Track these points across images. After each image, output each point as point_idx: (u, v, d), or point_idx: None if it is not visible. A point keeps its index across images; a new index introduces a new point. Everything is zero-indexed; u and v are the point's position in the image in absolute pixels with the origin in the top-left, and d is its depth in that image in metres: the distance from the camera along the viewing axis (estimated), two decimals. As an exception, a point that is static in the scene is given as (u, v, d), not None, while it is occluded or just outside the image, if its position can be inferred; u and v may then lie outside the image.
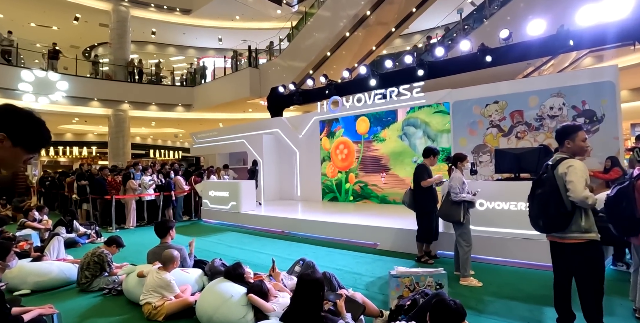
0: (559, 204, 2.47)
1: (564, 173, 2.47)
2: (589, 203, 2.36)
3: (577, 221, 2.44)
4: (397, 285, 3.19)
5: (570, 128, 2.65)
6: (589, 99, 6.00)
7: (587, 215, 2.46)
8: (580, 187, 2.37)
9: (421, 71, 8.31)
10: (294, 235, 6.90)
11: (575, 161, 2.51)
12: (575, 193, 2.37)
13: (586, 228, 2.43)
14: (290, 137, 10.53)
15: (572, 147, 2.61)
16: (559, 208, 2.46)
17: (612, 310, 3.16)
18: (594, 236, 2.44)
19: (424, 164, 4.74)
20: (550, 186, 2.53)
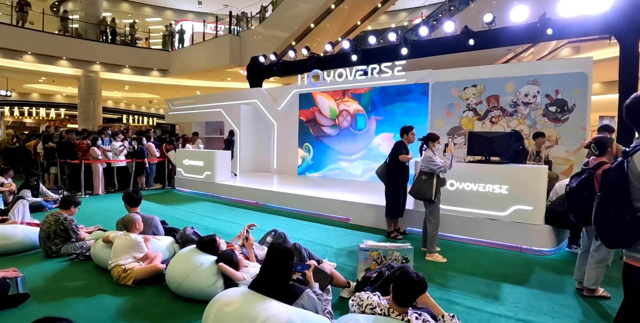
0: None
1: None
2: None
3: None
4: (365, 258, 3.31)
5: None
6: (562, 89, 6.18)
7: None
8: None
9: (404, 50, 8.25)
10: (268, 206, 6.96)
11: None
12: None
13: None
14: (269, 109, 10.37)
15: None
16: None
17: (562, 288, 3.42)
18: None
19: (402, 141, 4.84)
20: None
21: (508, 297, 3.19)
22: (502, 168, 4.55)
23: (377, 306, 2.21)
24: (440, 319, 2.17)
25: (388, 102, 8.26)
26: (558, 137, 6.16)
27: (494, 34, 7.31)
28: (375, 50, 9.16)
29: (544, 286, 3.45)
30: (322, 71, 9.21)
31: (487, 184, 4.57)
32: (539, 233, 4.33)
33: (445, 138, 7.04)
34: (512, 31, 7.11)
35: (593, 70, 6.10)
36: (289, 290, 2.40)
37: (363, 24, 14.74)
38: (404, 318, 2.13)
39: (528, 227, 4.36)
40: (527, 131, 6.38)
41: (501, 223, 4.51)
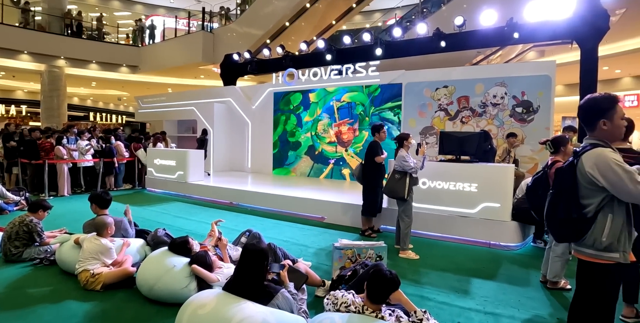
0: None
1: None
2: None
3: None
4: (340, 256, 3.34)
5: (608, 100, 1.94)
6: (527, 91, 6.44)
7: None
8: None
9: (378, 50, 8.36)
10: (243, 206, 6.89)
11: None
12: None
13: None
14: (243, 107, 10.25)
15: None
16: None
17: (528, 281, 3.58)
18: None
19: (375, 141, 4.90)
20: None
21: (478, 291, 3.31)
22: (471, 166, 4.71)
23: (352, 304, 2.24)
24: (413, 315, 2.22)
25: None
26: (524, 137, 6.42)
27: (464, 36, 7.52)
28: (349, 50, 9.23)
29: (511, 280, 3.60)
30: (297, 69, 9.19)
31: (457, 183, 4.71)
32: (506, 229, 4.51)
33: (418, 138, 7.21)
34: (481, 34, 7.34)
35: (556, 73, 6.39)
36: (263, 290, 2.39)
37: (338, 24, 14.82)
38: (377, 315, 2.17)
39: (496, 223, 4.53)
40: (495, 131, 6.62)
41: (471, 220, 4.66)
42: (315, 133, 9.08)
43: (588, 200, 1.88)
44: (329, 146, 8.84)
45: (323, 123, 8.95)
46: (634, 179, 1.74)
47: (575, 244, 1.98)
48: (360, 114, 8.38)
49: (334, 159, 8.76)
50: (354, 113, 8.49)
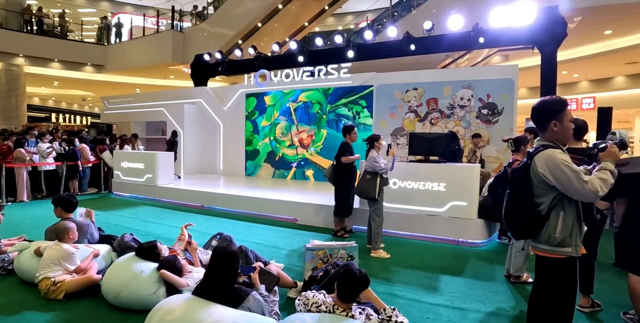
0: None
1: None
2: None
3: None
4: (312, 257, 3.35)
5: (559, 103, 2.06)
6: (492, 93, 6.71)
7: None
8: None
9: (350, 52, 8.45)
10: (214, 209, 6.78)
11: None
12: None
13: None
14: (215, 108, 10.10)
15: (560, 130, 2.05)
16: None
17: (493, 276, 3.72)
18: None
19: (346, 141, 4.95)
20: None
21: (446, 288, 3.41)
22: (440, 166, 4.85)
23: (323, 304, 2.26)
24: (382, 312, 2.26)
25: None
26: (489, 137, 6.68)
27: (433, 40, 7.73)
28: (322, 51, 9.28)
29: (478, 275, 3.74)
30: (269, 71, 9.15)
31: (426, 183, 4.84)
32: (473, 226, 4.68)
33: (389, 139, 7.35)
34: (449, 38, 7.57)
35: (519, 76, 6.69)
36: (234, 293, 2.37)
37: (311, 25, 14.87)
38: (348, 313, 2.20)
39: (463, 221, 4.69)
40: (462, 132, 6.85)
41: (440, 219, 4.80)
42: (274, 138, 9.07)
43: (541, 199, 1.99)
44: (289, 150, 8.86)
45: (281, 125, 8.96)
46: (581, 178, 1.85)
47: (532, 240, 2.09)
48: (317, 112, 8.45)
49: (295, 163, 8.78)
50: (310, 112, 8.55)
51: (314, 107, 8.48)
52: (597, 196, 1.85)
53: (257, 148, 9.29)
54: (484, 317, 2.88)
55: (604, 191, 1.86)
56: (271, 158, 9.12)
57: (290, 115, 8.80)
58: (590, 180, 1.85)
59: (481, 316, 2.89)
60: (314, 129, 8.51)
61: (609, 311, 2.99)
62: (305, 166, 8.61)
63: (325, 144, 8.39)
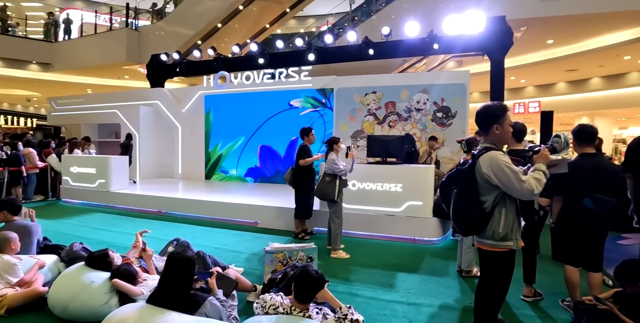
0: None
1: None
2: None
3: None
4: (271, 260, 3.36)
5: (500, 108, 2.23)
6: (446, 97, 7.03)
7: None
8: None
9: (311, 56, 8.54)
10: (172, 215, 6.58)
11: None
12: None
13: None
14: (172, 110, 9.80)
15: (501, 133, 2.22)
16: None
17: (447, 272, 3.91)
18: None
19: (305, 144, 4.99)
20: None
21: (402, 285, 3.53)
22: (397, 168, 5.02)
23: (280, 305, 2.28)
24: (338, 311, 2.32)
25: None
26: (444, 139, 6.98)
27: (390, 45, 7.98)
28: (283, 54, 9.29)
29: (432, 271, 3.91)
30: (229, 72, 9.03)
31: (384, 184, 4.99)
32: (429, 225, 4.88)
33: (349, 141, 7.48)
34: (406, 44, 7.85)
35: (472, 81, 7.07)
36: (190, 299, 2.33)
37: (272, 27, 14.82)
38: (305, 314, 2.23)
39: (419, 220, 4.88)
40: (419, 134, 7.12)
41: (397, 218, 4.97)
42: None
43: (485, 197, 2.16)
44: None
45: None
46: (520, 178, 2.04)
47: (477, 236, 2.25)
48: None
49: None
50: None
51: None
52: (533, 194, 2.05)
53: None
54: (436, 311, 3.02)
55: (538, 189, 2.05)
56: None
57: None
58: (527, 180, 2.04)
59: (434, 310, 3.03)
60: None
61: (549, 299, 3.23)
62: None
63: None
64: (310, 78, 8.20)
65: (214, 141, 9.43)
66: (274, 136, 8.69)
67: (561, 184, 2.96)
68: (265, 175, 8.89)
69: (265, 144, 8.86)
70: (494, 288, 2.29)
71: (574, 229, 2.89)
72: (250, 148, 9.03)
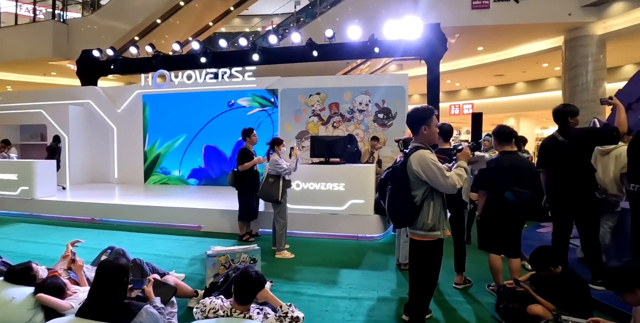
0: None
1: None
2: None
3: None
4: (213, 264, 3.30)
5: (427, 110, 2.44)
6: (387, 99, 7.35)
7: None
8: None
9: (255, 56, 8.47)
10: (107, 222, 6.18)
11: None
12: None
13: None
14: (107, 111, 9.19)
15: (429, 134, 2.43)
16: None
17: (387, 266, 4.09)
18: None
19: (245, 147, 4.95)
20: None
21: (344, 280, 3.65)
22: (339, 167, 5.17)
23: (220, 308, 2.26)
24: (279, 309, 2.35)
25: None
26: (385, 139, 7.29)
27: (334, 48, 8.16)
28: (226, 53, 9.12)
29: (373, 266, 4.07)
30: (168, 71, 8.68)
31: (327, 183, 5.12)
32: (370, 222, 5.08)
33: (293, 142, 7.54)
34: (348, 47, 8.07)
35: (411, 84, 7.45)
36: (124, 309, 2.23)
37: (216, 25, 14.48)
38: (245, 315, 2.23)
39: (362, 218, 5.07)
40: (362, 135, 7.36)
41: (340, 217, 5.11)
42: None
43: (416, 192, 2.36)
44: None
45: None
46: (444, 175, 2.25)
47: (410, 228, 2.46)
48: None
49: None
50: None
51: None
52: (455, 188, 2.28)
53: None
54: (376, 303, 3.16)
55: (460, 184, 2.29)
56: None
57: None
58: (450, 176, 2.27)
59: (374, 303, 3.17)
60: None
61: (478, 285, 3.52)
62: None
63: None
64: (254, 78, 8.14)
65: (151, 138, 9.00)
66: (220, 136, 8.49)
67: (485, 179, 3.25)
68: (210, 176, 8.66)
69: (210, 145, 8.64)
70: (425, 275, 2.50)
71: (496, 220, 3.18)
72: (194, 148, 8.75)
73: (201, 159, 8.72)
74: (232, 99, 8.44)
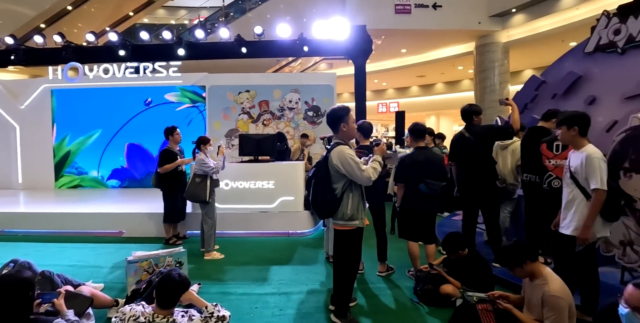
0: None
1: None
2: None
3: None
4: (135, 270, 3.14)
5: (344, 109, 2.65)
6: (316, 97, 7.52)
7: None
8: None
9: (181, 50, 8.08)
10: (10, 233, 5.48)
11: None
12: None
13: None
14: (7, 107, 8.14)
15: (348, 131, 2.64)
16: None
17: (316, 260, 4.22)
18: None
19: (168, 148, 4.74)
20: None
21: (275, 277, 3.70)
22: (269, 165, 5.19)
23: (141, 315, 2.18)
24: (204, 310, 2.33)
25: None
26: (315, 137, 7.44)
27: (263, 45, 8.06)
28: (148, 47, 8.52)
29: (303, 261, 4.18)
30: (82, 64, 7.92)
31: (257, 181, 5.12)
32: (301, 218, 5.20)
33: (223, 140, 7.38)
34: (278, 45, 8.03)
35: (341, 83, 7.68)
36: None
37: (137, 16, 13.54)
38: (169, 319, 2.18)
39: (292, 214, 5.16)
40: (292, 132, 7.45)
41: (271, 214, 5.15)
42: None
43: (337, 185, 2.56)
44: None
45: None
46: (360, 168, 2.47)
47: (332, 219, 2.65)
48: None
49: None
50: None
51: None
52: (370, 180, 2.50)
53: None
54: (305, 296, 3.26)
55: (374, 176, 2.51)
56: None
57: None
58: (366, 169, 2.49)
59: (302, 296, 3.27)
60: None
61: (400, 272, 3.78)
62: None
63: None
64: (180, 74, 7.78)
65: (59, 133, 8.16)
66: (145, 134, 7.94)
67: (402, 173, 3.52)
68: (134, 177, 8.12)
69: (134, 143, 8.07)
70: (347, 263, 2.70)
71: (412, 210, 3.45)
72: (116, 147, 8.11)
73: (124, 159, 8.13)
74: (149, 96, 7.96)
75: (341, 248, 2.68)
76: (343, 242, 2.66)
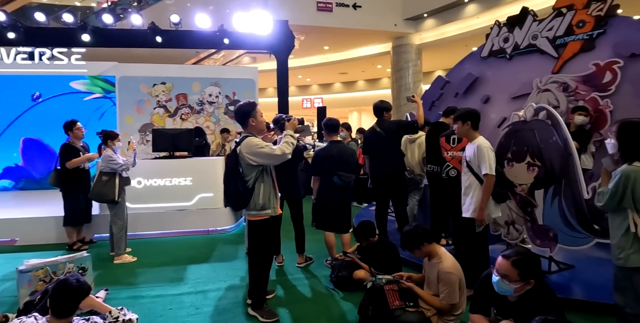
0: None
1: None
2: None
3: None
4: (28, 280, 2.82)
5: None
6: (237, 91, 7.37)
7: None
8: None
9: (85, 36, 7.31)
10: None
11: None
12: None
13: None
14: None
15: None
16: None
17: (236, 256, 4.19)
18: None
19: (70, 143, 4.31)
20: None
21: (191, 276, 3.60)
22: (185, 161, 5.00)
23: (32, 328, 1.98)
24: (108, 316, 2.19)
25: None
26: (237, 132, 7.31)
27: (180, 34, 7.65)
28: (45, 30, 7.55)
29: (223, 258, 4.13)
30: (-43, 47, 6.79)
31: (173, 178, 4.89)
32: (221, 214, 5.09)
33: (137, 135, 6.89)
34: (196, 35, 7.67)
35: (266, 77, 7.60)
36: None
37: (31, -5, 11.86)
38: (66, 329, 2.01)
39: (211, 211, 5.03)
40: (213, 127, 7.22)
41: (189, 212, 4.97)
42: None
43: (248, 176, 2.60)
44: None
45: None
46: (272, 149, 2.56)
47: (246, 210, 2.71)
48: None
49: None
50: None
51: None
52: (286, 155, 2.57)
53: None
54: (223, 293, 3.23)
55: (289, 150, 2.60)
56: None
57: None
58: (278, 148, 2.57)
59: (221, 293, 3.23)
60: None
61: (318, 261, 3.91)
62: None
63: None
64: (84, 63, 7.05)
65: None
66: (45, 128, 6.95)
67: (317, 166, 3.64)
68: (31, 177, 7.16)
69: (32, 137, 7.09)
70: (261, 253, 2.76)
71: (327, 201, 3.60)
72: (8, 142, 7.06)
73: (18, 156, 7.13)
74: (37, 91, 7.05)
75: (255, 238, 2.73)
76: (256, 232, 2.71)
